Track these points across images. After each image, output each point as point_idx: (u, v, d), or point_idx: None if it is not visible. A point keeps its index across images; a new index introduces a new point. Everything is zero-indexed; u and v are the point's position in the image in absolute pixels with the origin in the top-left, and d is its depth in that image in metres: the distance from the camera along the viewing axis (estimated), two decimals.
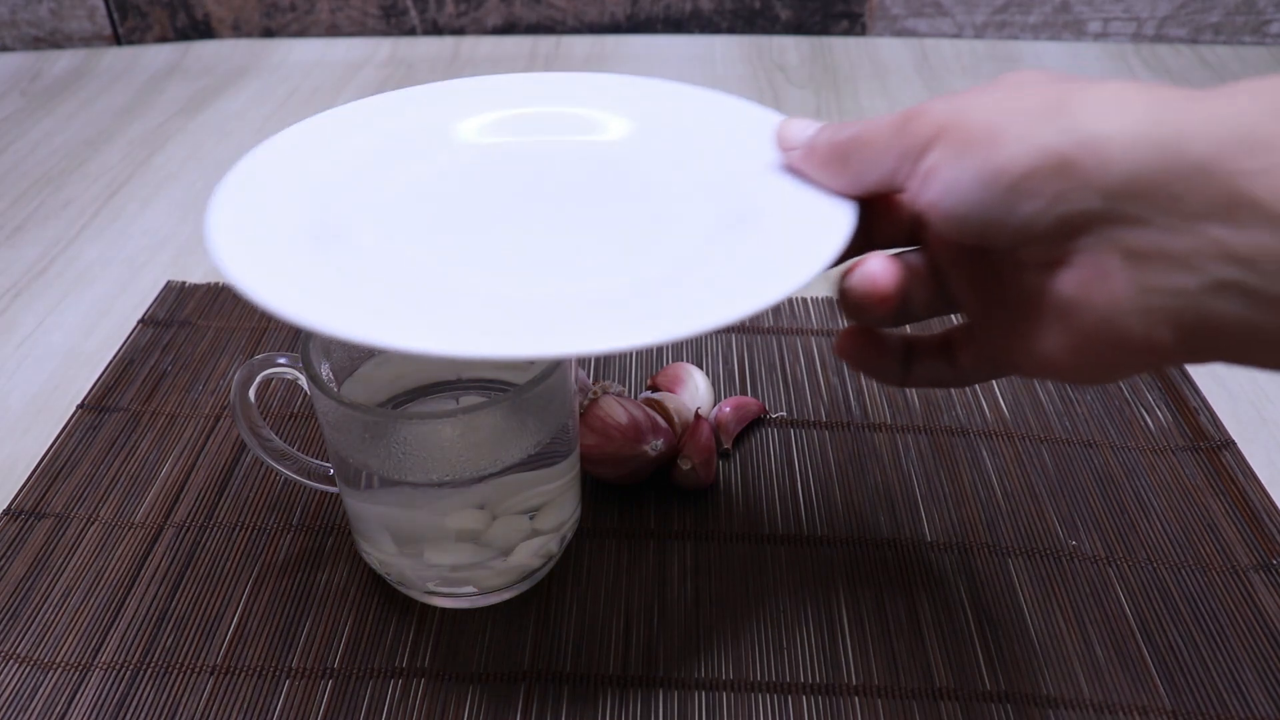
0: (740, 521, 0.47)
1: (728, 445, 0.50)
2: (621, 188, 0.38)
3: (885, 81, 0.90)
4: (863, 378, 0.55)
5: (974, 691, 0.39)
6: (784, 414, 0.53)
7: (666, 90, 0.42)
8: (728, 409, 0.50)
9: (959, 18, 0.98)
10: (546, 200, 0.37)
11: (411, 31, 1.00)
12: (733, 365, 0.56)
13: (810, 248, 0.31)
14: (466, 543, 0.39)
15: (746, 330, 0.59)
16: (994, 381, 0.55)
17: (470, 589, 0.41)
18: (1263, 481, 0.49)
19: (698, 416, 0.48)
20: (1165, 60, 0.95)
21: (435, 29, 1.00)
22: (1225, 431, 0.51)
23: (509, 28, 1.00)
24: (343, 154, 0.38)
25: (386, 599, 0.43)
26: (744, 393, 0.54)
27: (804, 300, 0.61)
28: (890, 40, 0.98)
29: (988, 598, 0.43)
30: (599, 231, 0.35)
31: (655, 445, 0.46)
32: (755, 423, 0.52)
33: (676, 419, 0.48)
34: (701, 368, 0.55)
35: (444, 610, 0.43)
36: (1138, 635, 0.42)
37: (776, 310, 0.60)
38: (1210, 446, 0.51)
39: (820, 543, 0.46)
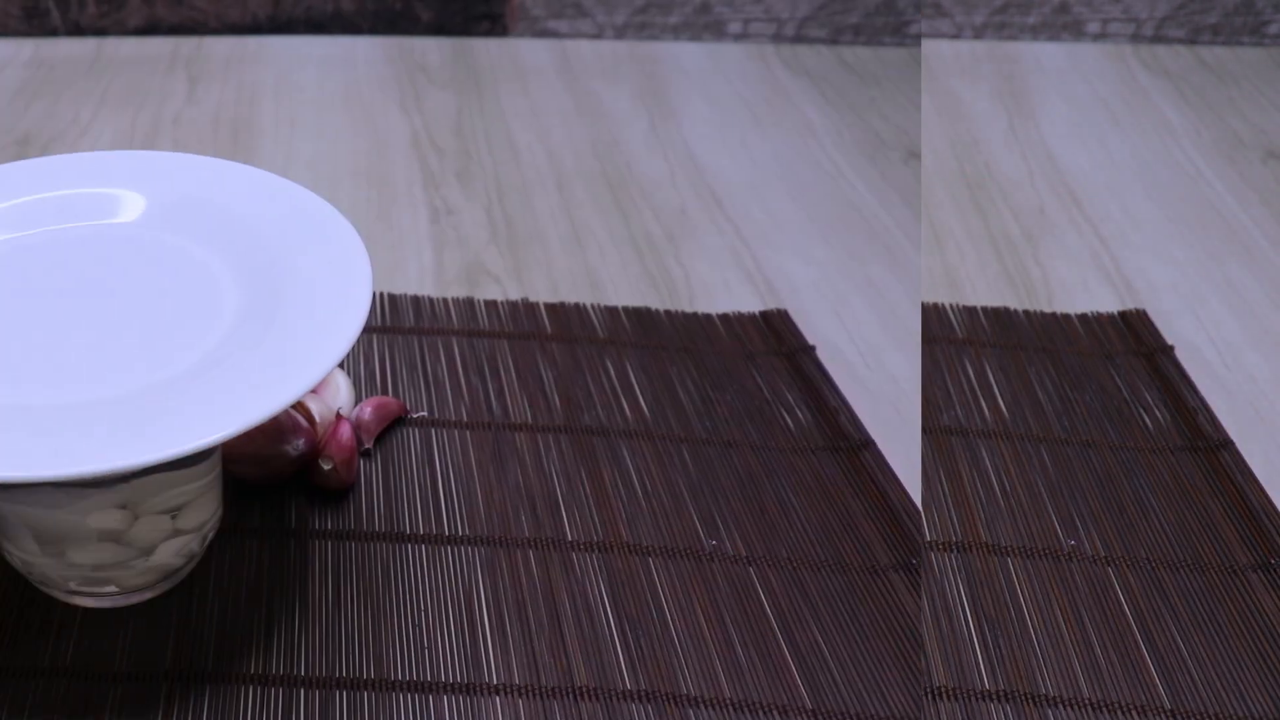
0: (381, 521, 0.47)
1: (369, 445, 0.49)
2: (142, 274, 0.40)
3: (525, 82, 0.90)
4: (503, 377, 0.55)
5: (973, 690, 0.40)
6: (425, 414, 0.52)
7: (178, 164, 0.45)
8: (368, 409, 0.50)
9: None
10: (67, 297, 0.39)
11: (54, 32, 0.97)
12: (374, 365, 0.55)
13: (326, 341, 0.35)
14: (108, 542, 0.39)
15: (387, 330, 0.57)
16: (994, 382, 0.55)
17: (112, 588, 0.41)
18: (1261, 481, 0.49)
19: (339, 416, 0.48)
20: (1164, 61, 0.95)
21: (78, 30, 0.97)
22: (1223, 431, 0.51)
23: (151, 29, 0.97)
24: None
25: (28, 599, 0.42)
26: (385, 392, 0.54)
27: (444, 300, 0.59)
28: (531, 41, 0.98)
29: (987, 597, 0.43)
30: (120, 329, 0.37)
31: (296, 445, 0.46)
32: (396, 422, 0.52)
33: (318, 419, 0.47)
34: (342, 367, 0.54)
35: (86, 610, 0.42)
36: (1137, 634, 0.42)
37: (417, 310, 0.59)
38: (1209, 446, 0.51)
39: (461, 542, 0.46)
